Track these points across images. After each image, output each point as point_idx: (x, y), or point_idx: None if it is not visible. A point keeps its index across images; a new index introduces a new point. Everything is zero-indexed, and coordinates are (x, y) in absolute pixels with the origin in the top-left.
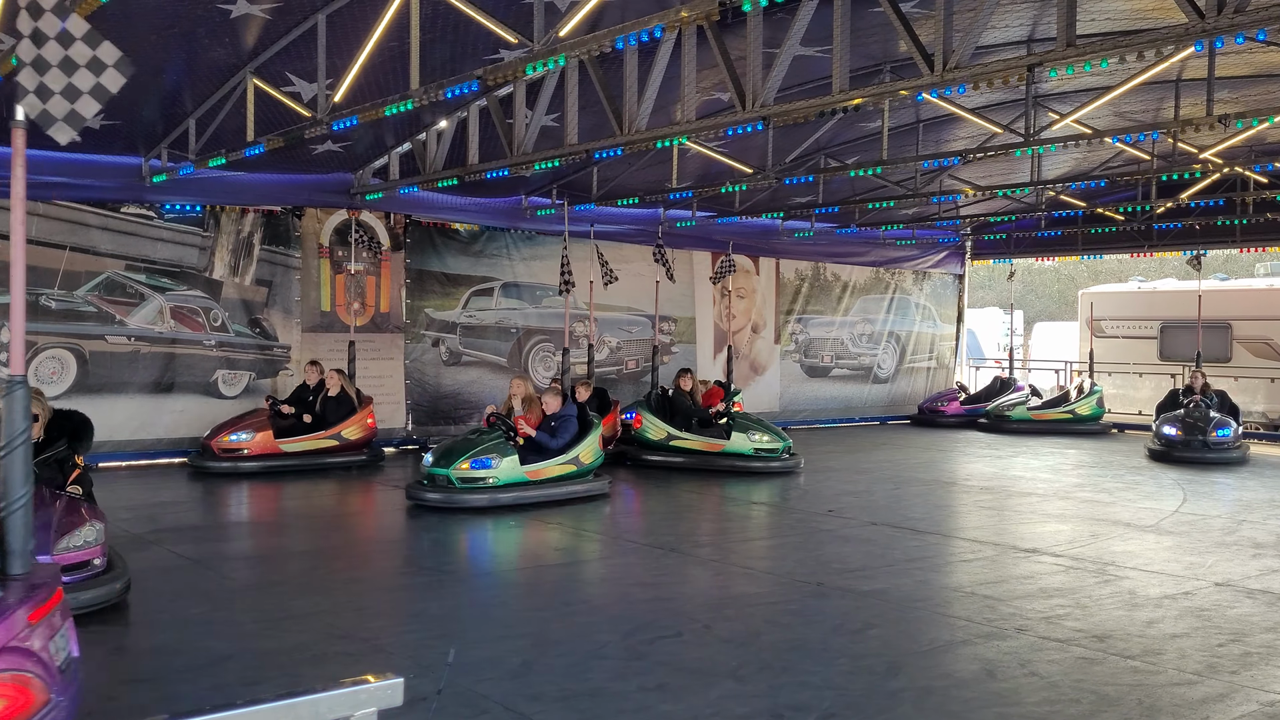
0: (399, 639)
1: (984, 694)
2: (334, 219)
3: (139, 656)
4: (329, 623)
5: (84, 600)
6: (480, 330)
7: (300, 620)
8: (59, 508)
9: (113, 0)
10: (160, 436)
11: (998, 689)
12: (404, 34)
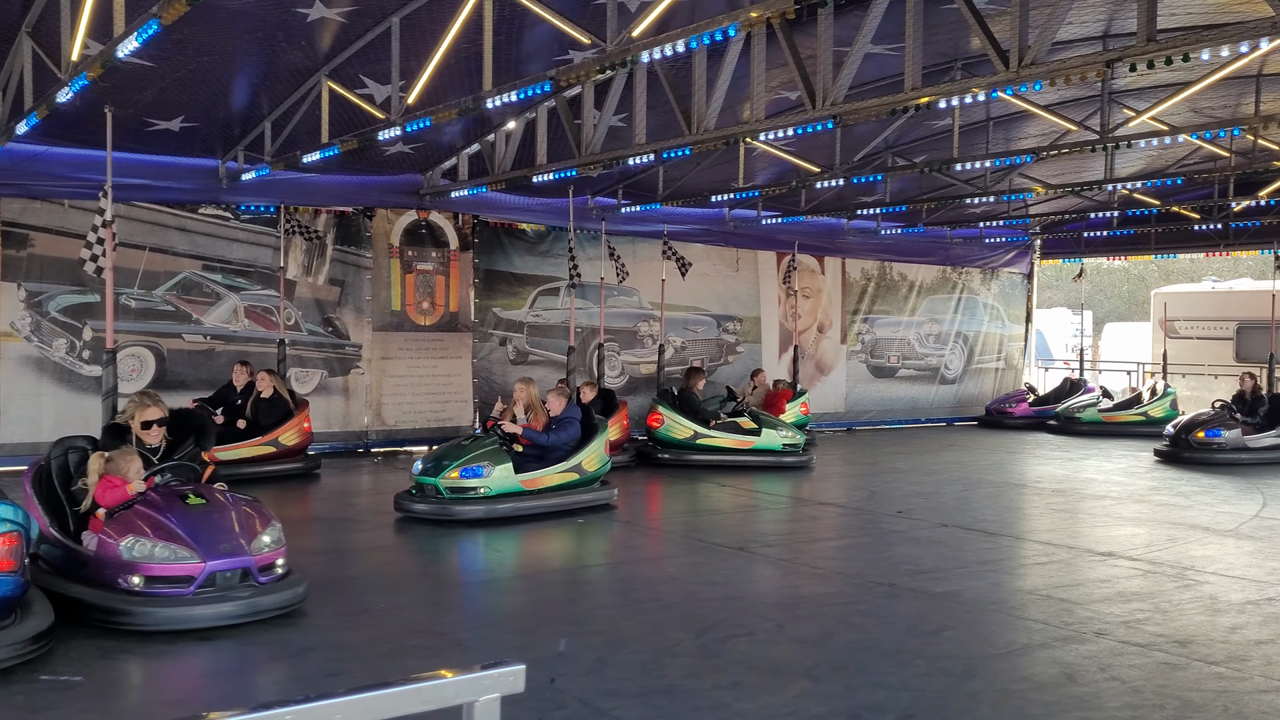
0: (475, 634)
1: (1064, 698)
2: (404, 219)
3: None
4: (406, 618)
5: (274, 604)
6: (546, 329)
7: (376, 615)
8: (238, 508)
9: (197, 6)
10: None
11: (1078, 693)
12: (475, 36)
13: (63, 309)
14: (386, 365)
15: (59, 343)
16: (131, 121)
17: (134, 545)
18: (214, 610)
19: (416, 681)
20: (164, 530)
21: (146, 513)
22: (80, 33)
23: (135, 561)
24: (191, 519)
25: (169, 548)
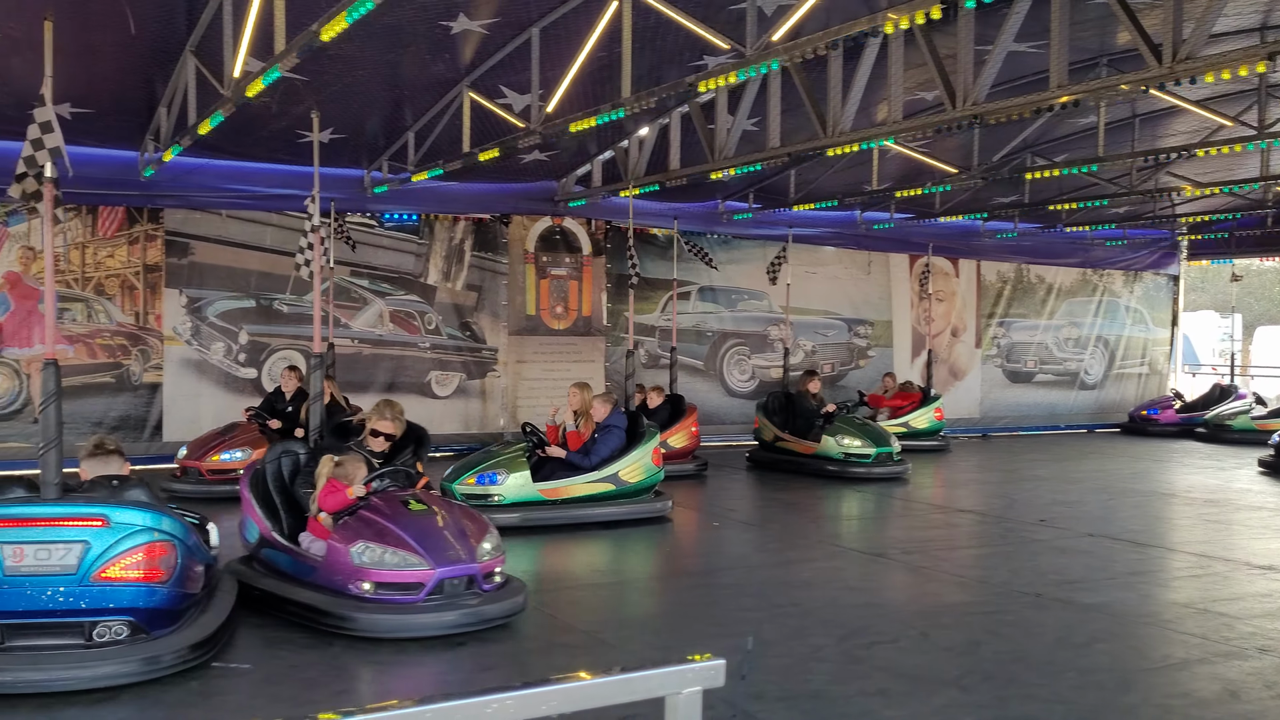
0: (618, 634)
1: (1228, 715)
2: (539, 225)
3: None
4: (548, 615)
5: (497, 613)
6: (678, 333)
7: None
8: (458, 515)
9: (354, 22)
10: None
11: (1244, 711)
12: (611, 44)
13: (220, 314)
14: (521, 369)
15: (217, 346)
16: (285, 134)
17: (364, 551)
18: (440, 619)
19: (622, 673)
20: (392, 536)
21: (373, 519)
22: (242, 51)
23: (365, 568)
24: (417, 525)
25: (398, 554)
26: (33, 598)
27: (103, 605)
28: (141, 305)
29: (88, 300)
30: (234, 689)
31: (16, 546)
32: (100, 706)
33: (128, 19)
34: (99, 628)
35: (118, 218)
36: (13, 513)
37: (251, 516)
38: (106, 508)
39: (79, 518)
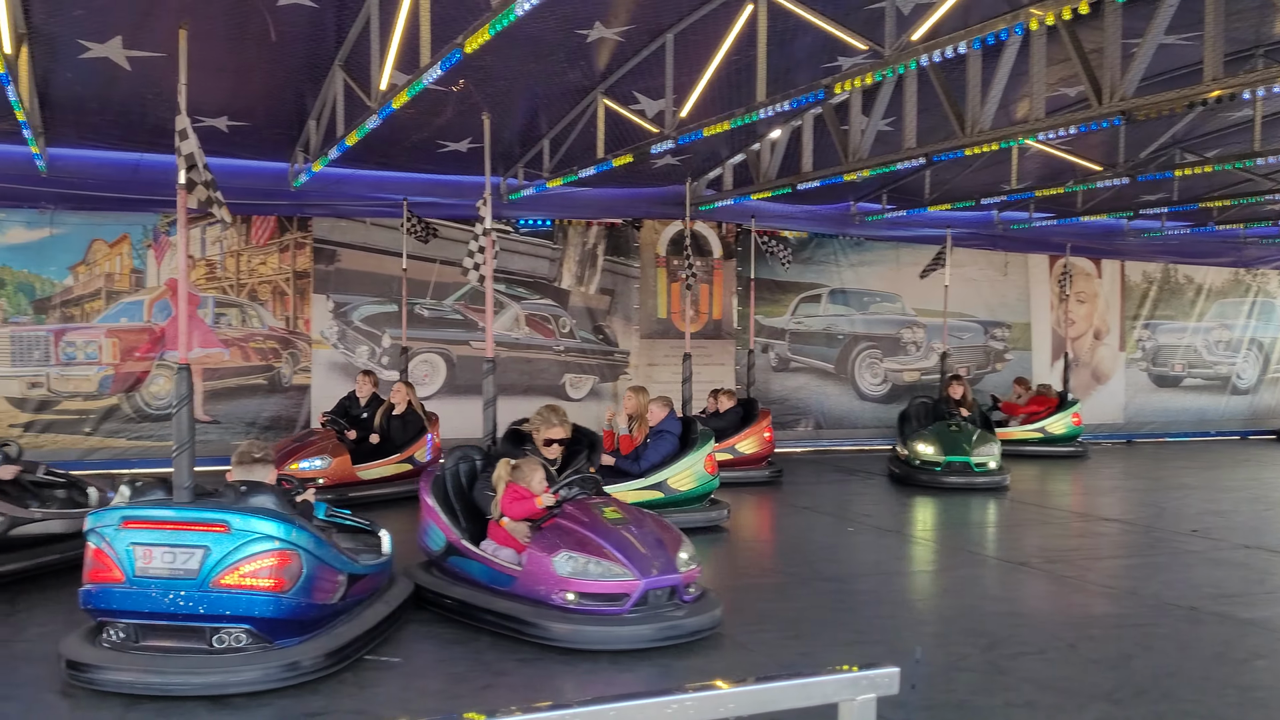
0: (755, 637)
1: None
2: (670, 229)
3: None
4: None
5: (698, 625)
6: (808, 336)
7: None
8: (653, 524)
9: (496, 34)
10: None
11: None
12: (745, 48)
13: (365, 318)
14: (653, 371)
15: (361, 349)
16: (427, 144)
17: (567, 561)
18: (643, 630)
19: (799, 677)
20: (594, 546)
21: (572, 528)
22: (389, 64)
23: (569, 577)
24: (617, 534)
25: (602, 564)
26: (157, 600)
27: (221, 612)
28: (291, 310)
29: (242, 305)
30: (385, 681)
31: (146, 548)
32: (260, 693)
33: (270, 29)
34: (220, 635)
35: (270, 226)
36: (143, 515)
37: (437, 523)
38: (229, 514)
39: (202, 523)
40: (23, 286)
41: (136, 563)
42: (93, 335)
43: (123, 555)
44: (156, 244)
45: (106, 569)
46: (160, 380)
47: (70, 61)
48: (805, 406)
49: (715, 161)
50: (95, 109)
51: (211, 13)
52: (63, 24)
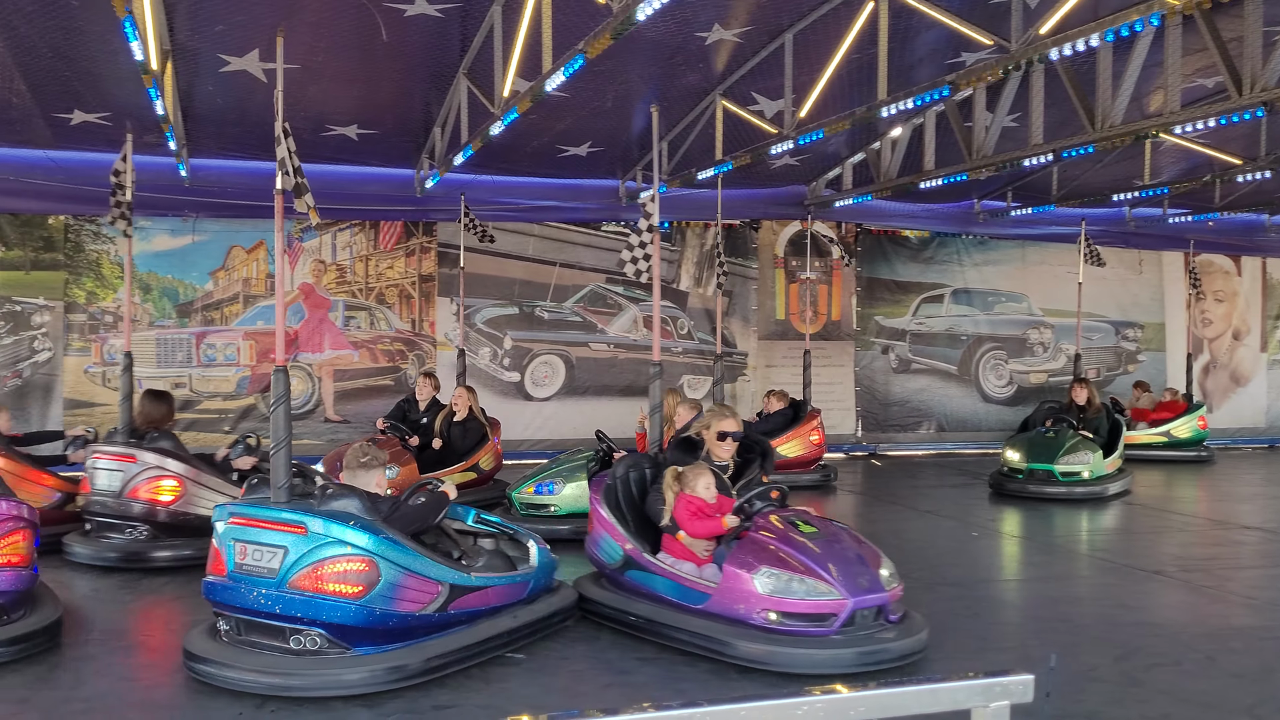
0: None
1: None
2: (788, 230)
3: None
4: None
5: (904, 649)
6: (930, 338)
7: None
8: (849, 538)
9: (622, 38)
10: (630, 435)
11: None
12: (866, 46)
13: (487, 320)
14: (771, 373)
15: (483, 351)
16: (547, 149)
17: (769, 578)
18: (843, 654)
19: (930, 682)
20: (795, 562)
21: (768, 542)
22: (512, 71)
23: (771, 595)
24: (817, 550)
25: (806, 581)
26: (244, 596)
27: (293, 614)
28: (417, 313)
29: (370, 309)
30: (509, 677)
31: (243, 545)
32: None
33: (400, 43)
34: (296, 636)
35: (396, 232)
36: (241, 512)
37: (613, 535)
38: (309, 516)
39: (283, 523)
40: (167, 291)
41: (235, 558)
42: (231, 338)
43: (226, 550)
44: (290, 249)
45: (218, 562)
46: (294, 381)
47: (211, 75)
48: (927, 409)
49: (834, 161)
50: (233, 120)
51: (343, 26)
52: (204, 40)
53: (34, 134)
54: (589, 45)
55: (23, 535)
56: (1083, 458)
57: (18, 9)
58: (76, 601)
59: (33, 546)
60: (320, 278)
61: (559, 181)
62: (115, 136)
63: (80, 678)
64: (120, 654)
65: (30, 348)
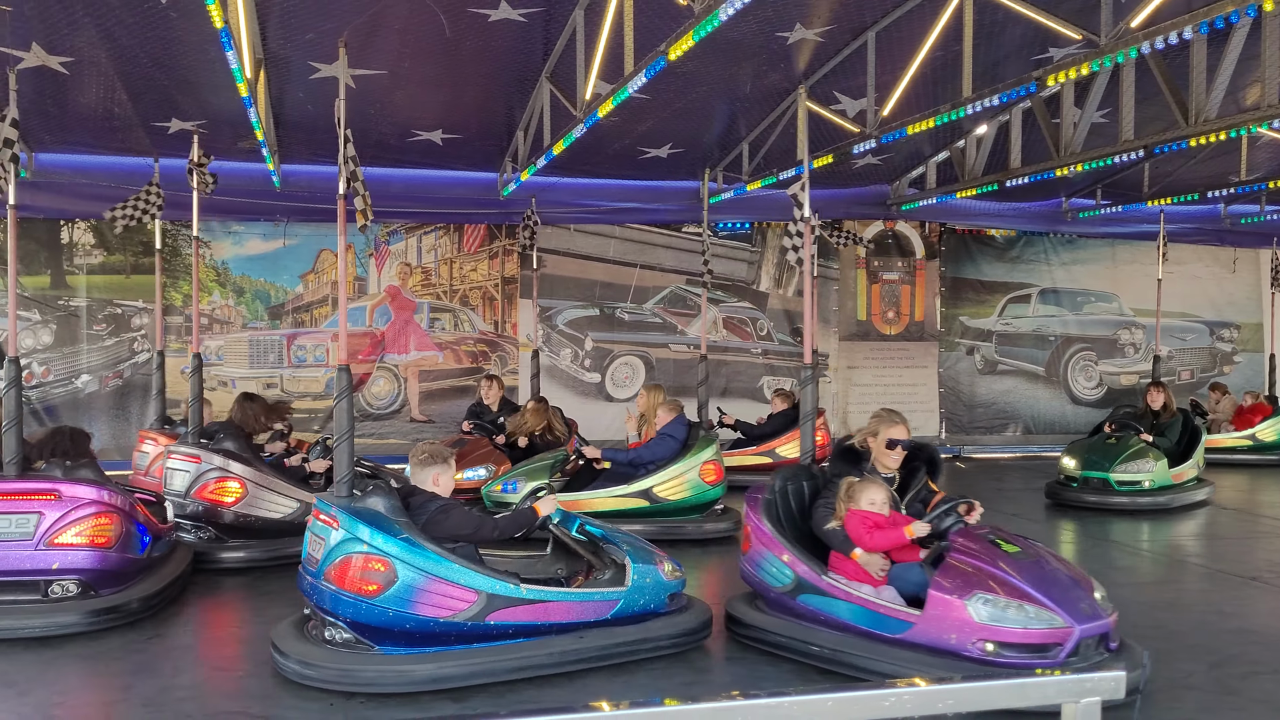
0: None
1: None
2: (870, 230)
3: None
4: None
5: (1132, 684)
6: (1016, 338)
7: None
8: (1052, 557)
9: (704, 39)
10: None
11: None
12: (950, 43)
13: (568, 322)
14: (852, 374)
15: (565, 352)
16: (628, 151)
17: (984, 604)
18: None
19: (1019, 677)
20: (1007, 585)
21: (974, 563)
22: (593, 74)
23: (988, 624)
24: (1029, 571)
25: (1023, 608)
26: (306, 588)
27: (324, 606)
28: (500, 315)
29: (454, 310)
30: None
31: (310, 536)
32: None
33: (484, 47)
34: (330, 629)
35: (480, 234)
36: (317, 505)
37: (780, 555)
38: (339, 512)
39: (326, 516)
40: (259, 294)
41: (309, 551)
42: (320, 339)
43: (304, 543)
44: (377, 253)
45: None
46: (380, 382)
47: (301, 82)
48: (1014, 410)
49: (918, 160)
50: (323, 126)
51: (429, 32)
52: (295, 48)
53: (134, 142)
54: (670, 47)
55: (110, 519)
56: (1143, 466)
57: (119, 21)
58: None
59: (124, 531)
60: (406, 280)
61: (640, 183)
62: (211, 144)
63: (179, 666)
64: (213, 645)
65: (130, 349)
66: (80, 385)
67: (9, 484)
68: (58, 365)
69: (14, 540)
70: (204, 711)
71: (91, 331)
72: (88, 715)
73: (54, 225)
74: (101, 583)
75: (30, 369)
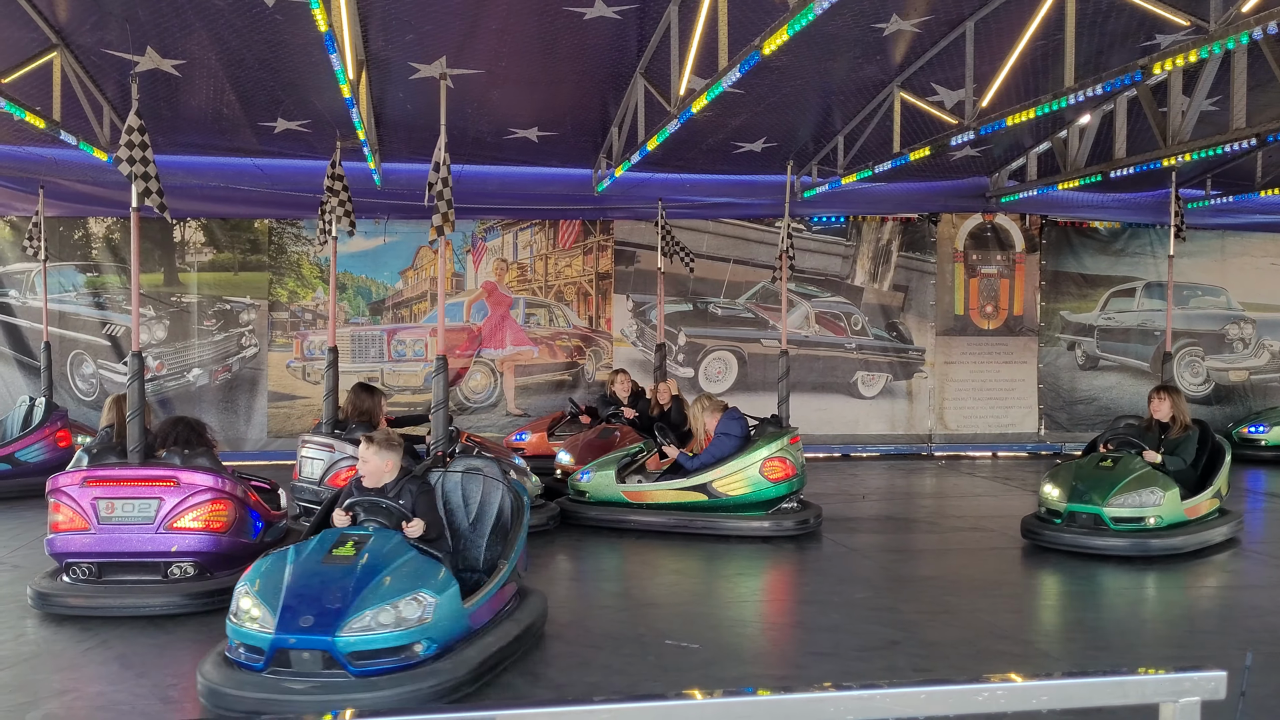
0: (1062, 646)
1: None
2: (968, 223)
3: (818, 633)
4: (988, 622)
5: None
6: (1120, 333)
7: (959, 616)
8: None
9: (798, 33)
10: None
11: None
12: (1052, 31)
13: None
14: (949, 370)
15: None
16: (722, 145)
17: None
18: None
19: (1117, 674)
20: None
21: None
22: (688, 70)
23: None
24: None
25: None
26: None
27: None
28: (594, 310)
29: (549, 306)
30: (685, 665)
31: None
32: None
33: (580, 45)
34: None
35: (575, 230)
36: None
37: None
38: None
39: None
40: (361, 290)
41: None
42: (419, 334)
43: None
44: (474, 249)
45: None
46: (478, 376)
47: (401, 82)
48: (1116, 407)
49: (1018, 151)
50: (422, 125)
51: (526, 31)
52: (396, 49)
53: (242, 142)
54: (765, 41)
55: (225, 505)
56: (1148, 498)
57: (229, 24)
58: None
59: (237, 517)
60: (502, 276)
61: (733, 178)
62: (315, 143)
63: None
64: None
65: (238, 344)
66: (191, 379)
67: (133, 470)
68: (171, 359)
69: (137, 524)
70: None
71: (202, 327)
72: None
73: (166, 224)
74: (216, 565)
75: (145, 363)
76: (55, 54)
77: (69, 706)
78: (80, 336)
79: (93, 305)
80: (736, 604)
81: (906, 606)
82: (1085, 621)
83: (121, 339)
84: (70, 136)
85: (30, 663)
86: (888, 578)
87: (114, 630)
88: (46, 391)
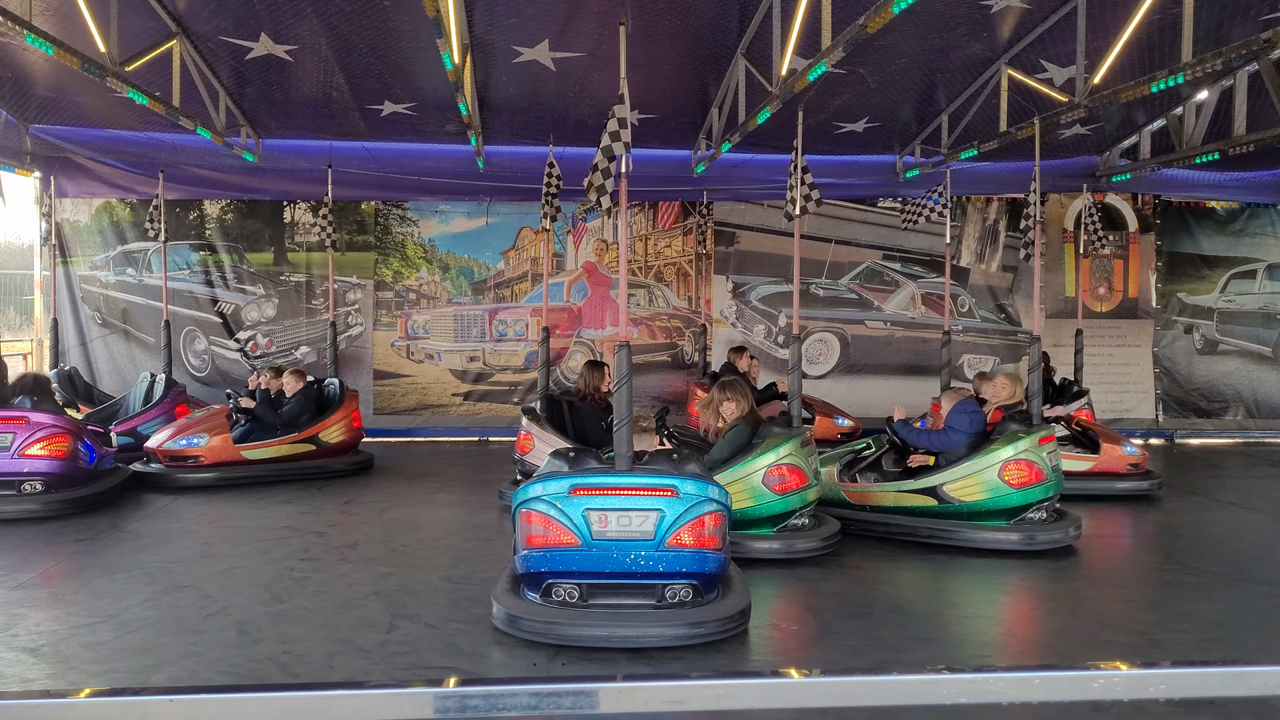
0: (1171, 636)
1: None
2: (1078, 203)
3: (880, 623)
4: (1096, 610)
5: None
6: (1240, 316)
7: (1071, 605)
8: None
9: (903, 11)
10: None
11: None
12: (1168, 5)
13: (762, 298)
14: (1058, 353)
15: (758, 328)
16: (823, 126)
17: None
18: None
19: (1238, 665)
20: None
21: None
22: (790, 49)
23: None
24: None
25: None
26: (618, 560)
27: (676, 569)
28: (694, 291)
29: (649, 286)
30: (780, 649)
31: (601, 514)
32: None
33: (681, 26)
34: (669, 589)
35: (674, 211)
36: (595, 482)
37: None
38: (680, 480)
39: (647, 488)
40: (464, 270)
41: (593, 527)
42: (520, 314)
43: (578, 521)
44: (575, 230)
45: (558, 534)
46: (577, 356)
47: (505, 66)
48: (1235, 393)
49: (1130, 129)
50: (524, 108)
51: (627, 13)
52: (500, 32)
53: (350, 126)
54: (870, 19)
55: (65, 439)
56: None
57: (339, 10)
58: None
59: (74, 448)
60: (603, 256)
61: (834, 158)
62: (420, 126)
63: (393, 623)
64: (435, 604)
65: (345, 322)
66: (299, 356)
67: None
68: (280, 337)
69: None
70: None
71: (310, 306)
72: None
73: (278, 206)
74: (59, 484)
75: (255, 340)
76: (175, 42)
77: None
78: (194, 314)
79: (204, 283)
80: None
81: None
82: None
83: (230, 316)
84: (188, 122)
85: None
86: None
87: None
88: (166, 368)
